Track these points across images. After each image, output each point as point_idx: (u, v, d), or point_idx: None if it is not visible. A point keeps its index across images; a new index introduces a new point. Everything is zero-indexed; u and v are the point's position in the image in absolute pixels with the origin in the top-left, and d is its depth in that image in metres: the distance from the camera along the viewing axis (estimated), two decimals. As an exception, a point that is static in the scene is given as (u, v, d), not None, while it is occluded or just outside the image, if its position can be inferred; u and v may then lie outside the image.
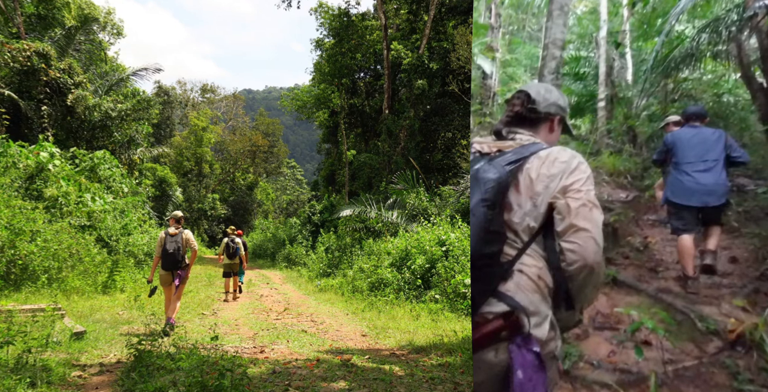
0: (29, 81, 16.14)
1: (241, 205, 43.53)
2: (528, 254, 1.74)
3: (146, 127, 21.22)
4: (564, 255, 1.67)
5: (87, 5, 25.53)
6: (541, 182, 1.76)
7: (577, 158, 1.80)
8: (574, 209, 1.68)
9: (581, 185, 1.73)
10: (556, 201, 1.72)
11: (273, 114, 56.07)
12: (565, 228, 1.67)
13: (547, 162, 1.79)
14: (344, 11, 25.62)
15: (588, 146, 4.46)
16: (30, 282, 8.27)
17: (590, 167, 1.88)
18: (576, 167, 1.76)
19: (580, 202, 1.69)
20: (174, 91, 37.85)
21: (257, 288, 13.15)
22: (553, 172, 1.76)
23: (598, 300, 3.69)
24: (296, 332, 7.02)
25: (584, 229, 1.65)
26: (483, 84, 3.47)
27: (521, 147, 1.88)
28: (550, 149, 1.84)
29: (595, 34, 3.37)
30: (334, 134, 28.52)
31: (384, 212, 14.52)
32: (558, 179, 1.74)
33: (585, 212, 1.67)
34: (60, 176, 11.95)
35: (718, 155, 3.79)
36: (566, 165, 1.77)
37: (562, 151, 1.82)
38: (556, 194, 1.73)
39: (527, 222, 1.74)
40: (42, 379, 3.89)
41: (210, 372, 3.87)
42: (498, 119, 2.07)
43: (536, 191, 1.75)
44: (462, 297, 8.22)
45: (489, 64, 8.68)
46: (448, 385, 4.41)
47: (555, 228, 1.72)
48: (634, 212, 5.24)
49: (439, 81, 20.48)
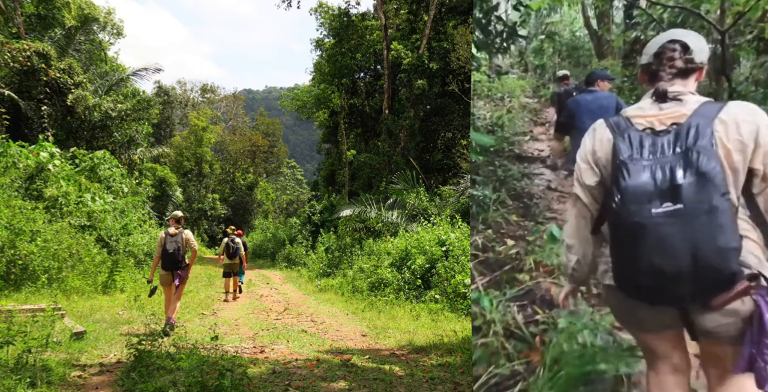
0: (29, 81, 16.14)
1: (241, 205, 43.53)
2: (741, 219, 1.79)
3: (146, 127, 21.23)
4: (765, 213, 1.76)
5: (87, 5, 25.53)
6: (737, 151, 1.71)
7: (757, 112, 1.75)
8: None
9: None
10: (756, 168, 1.73)
11: (273, 114, 56.08)
12: (761, 190, 1.75)
13: (731, 126, 1.72)
14: (344, 11, 25.63)
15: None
16: (30, 282, 8.27)
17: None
18: (763, 124, 1.72)
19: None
20: (174, 91, 37.88)
21: (257, 288, 13.15)
22: (744, 136, 1.71)
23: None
24: (296, 332, 7.02)
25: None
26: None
27: (697, 114, 1.77)
28: (727, 109, 1.75)
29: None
30: (334, 134, 28.52)
31: (384, 212, 14.52)
32: (751, 144, 1.71)
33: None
34: (60, 176, 11.95)
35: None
36: (753, 125, 1.72)
37: (740, 108, 1.75)
38: (755, 161, 1.72)
39: (735, 193, 1.74)
40: (42, 379, 3.89)
41: (210, 372, 3.87)
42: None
43: (735, 160, 1.72)
44: (462, 297, 8.22)
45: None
46: (448, 385, 4.41)
47: (752, 189, 1.76)
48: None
49: (439, 81, 20.48)
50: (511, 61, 4.79)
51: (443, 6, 21.64)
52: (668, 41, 1.88)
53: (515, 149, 4.97)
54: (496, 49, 3.96)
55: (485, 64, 4.26)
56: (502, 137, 4.93)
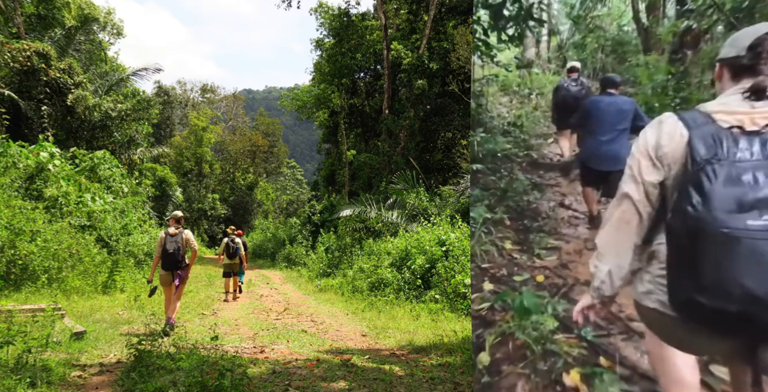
0: (29, 81, 16.14)
1: (241, 205, 43.54)
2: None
3: (146, 127, 21.23)
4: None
5: (87, 5, 25.53)
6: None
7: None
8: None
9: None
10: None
11: (273, 114, 56.09)
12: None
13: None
14: (344, 11, 25.63)
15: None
16: (30, 282, 8.27)
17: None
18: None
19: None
20: (174, 91, 37.89)
21: (257, 288, 13.15)
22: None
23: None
24: (296, 332, 7.02)
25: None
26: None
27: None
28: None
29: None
30: (334, 134, 28.53)
31: (384, 212, 14.52)
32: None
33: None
34: (60, 176, 11.95)
35: (628, 124, 4.00)
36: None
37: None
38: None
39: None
40: (42, 379, 3.89)
41: (210, 372, 3.87)
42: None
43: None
44: (462, 297, 8.22)
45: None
46: (448, 385, 4.41)
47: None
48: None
49: (439, 81, 20.48)
50: (549, 56, 4.50)
51: (443, 6, 21.64)
52: (767, 33, 1.64)
53: (533, 154, 4.44)
54: (510, 37, 3.76)
55: (502, 54, 3.93)
56: (519, 140, 4.45)
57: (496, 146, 4.03)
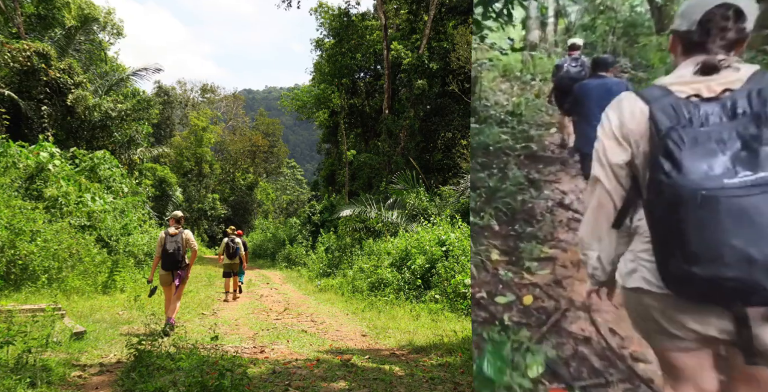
0: (29, 81, 16.14)
1: (241, 205, 43.54)
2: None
3: (146, 127, 21.23)
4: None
5: (87, 5, 25.53)
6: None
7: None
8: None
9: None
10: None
11: (273, 114, 56.09)
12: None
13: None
14: (344, 11, 25.63)
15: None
16: (30, 282, 8.27)
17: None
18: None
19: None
20: (174, 92, 37.89)
21: (257, 288, 13.15)
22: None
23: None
24: (296, 332, 7.02)
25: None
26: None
27: (755, 81, 1.51)
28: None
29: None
30: (334, 134, 28.53)
31: (384, 212, 14.52)
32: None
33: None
34: (60, 176, 11.95)
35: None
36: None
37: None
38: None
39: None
40: (42, 379, 3.89)
41: (210, 372, 3.87)
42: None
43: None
44: (462, 297, 8.22)
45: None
46: (448, 385, 4.41)
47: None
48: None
49: (439, 81, 20.49)
50: (556, 39, 4.06)
51: (443, 6, 21.64)
52: (717, 6, 1.56)
53: (532, 145, 4.06)
54: (497, 13, 3.28)
55: (495, 35, 3.52)
56: (516, 130, 4.08)
57: (489, 138, 3.76)
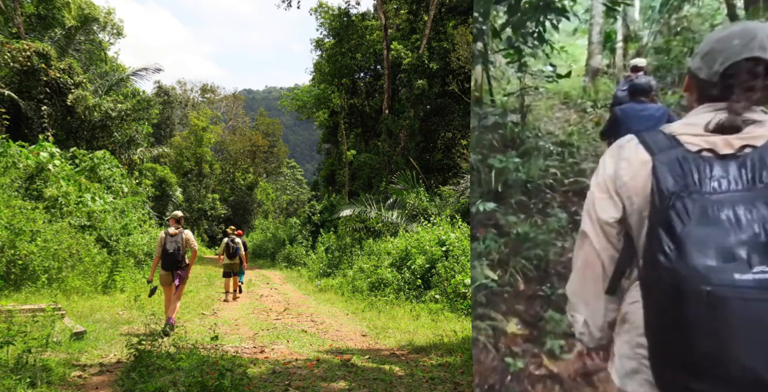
0: (29, 81, 16.14)
1: (241, 205, 43.55)
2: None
3: (146, 127, 21.24)
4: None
5: (87, 5, 25.54)
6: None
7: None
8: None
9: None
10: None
11: (273, 114, 56.10)
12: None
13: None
14: (344, 11, 25.64)
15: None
16: (30, 282, 8.27)
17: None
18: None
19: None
20: (174, 92, 37.90)
21: (257, 288, 13.15)
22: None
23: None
24: (296, 332, 7.02)
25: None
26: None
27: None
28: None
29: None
30: (334, 134, 28.53)
31: (384, 212, 14.52)
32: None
33: None
34: (60, 176, 11.95)
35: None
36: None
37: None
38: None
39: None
40: (42, 379, 3.89)
41: (210, 372, 3.87)
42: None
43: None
44: (462, 297, 8.22)
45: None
46: (448, 385, 4.41)
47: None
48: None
49: (439, 81, 20.49)
50: (626, 63, 3.75)
51: (443, 6, 21.65)
52: (746, 59, 1.32)
53: (585, 180, 3.66)
54: (525, 36, 3.02)
55: (537, 62, 3.17)
56: (567, 164, 3.62)
57: (530, 173, 3.19)
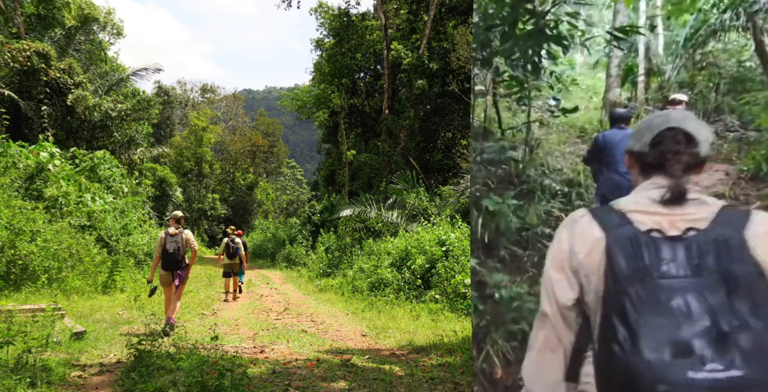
0: (29, 81, 16.14)
1: (241, 205, 43.56)
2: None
3: (146, 127, 21.24)
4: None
5: (87, 5, 25.54)
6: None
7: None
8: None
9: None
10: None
11: (273, 114, 56.11)
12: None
13: (765, 236, 1.20)
14: (344, 11, 25.65)
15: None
16: (30, 282, 8.27)
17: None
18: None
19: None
20: (174, 92, 37.91)
21: (257, 288, 13.15)
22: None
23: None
24: (296, 332, 7.02)
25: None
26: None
27: (722, 221, 1.24)
28: (754, 220, 1.24)
29: (635, 21, 3.55)
30: (334, 134, 28.54)
31: (384, 212, 14.52)
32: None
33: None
34: (60, 176, 11.95)
35: None
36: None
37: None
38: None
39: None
40: (42, 379, 3.89)
41: (210, 372, 3.87)
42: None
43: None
44: (462, 297, 8.22)
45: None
46: (448, 385, 4.41)
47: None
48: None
49: (439, 81, 20.49)
50: (647, 97, 3.65)
51: (443, 6, 21.65)
52: (667, 129, 1.38)
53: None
54: (519, 63, 2.83)
55: (540, 95, 3.01)
56: (573, 207, 3.67)
57: (524, 219, 2.97)
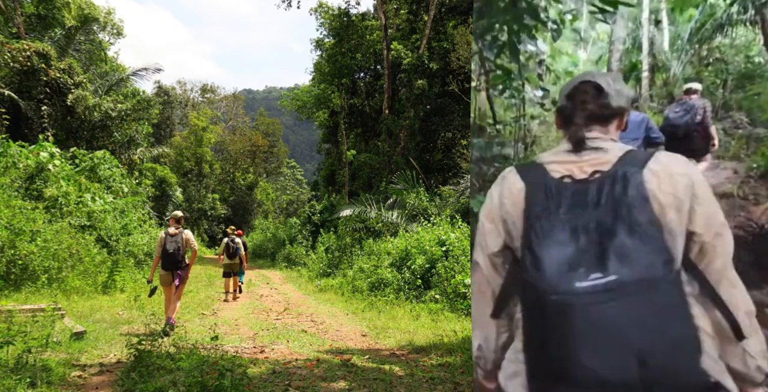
0: (29, 81, 16.14)
1: (241, 205, 43.56)
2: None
3: (146, 127, 21.24)
4: (718, 295, 1.36)
5: (87, 5, 25.54)
6: (673, 208, 1.35)
7: (689, 165, 1.44)
8: (711, 241, 1.37)
9: (713, 207, 1.40)
10: (696, 232, 1.37)
11: (273, 114, 56.12)
12: (701, 262, 1.39)
13: (664, 177, 1.38)
14: (344, 11, 25.65)
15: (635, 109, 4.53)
16: (30, 282, 8.27)
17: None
18: (697, 178, 1.41)
19: (714, 230, 1.38)
20: (174, 92, 37.91)
21: (257, 288, 13.15)
22: (679, 191, 1.36)
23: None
24: (296, 332, 7.02)
25: (719, 259, 1.38)
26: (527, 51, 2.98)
27: (624, 162, 1.43)
28: (657, 159, 1.42)
29: (638, 15, 3.52)
30: (334, 134, 28.54)
31: (384, 212, 14.52)
32: (688, 201, 1.37)
33: (720, 241, 1.39)
34: (60, 176, 11.95)
35: (639, 135, 3.97)
36: (687, 179, 1.39)
37: (673, 158, 1.43)
38: (695, 223, 1.37)
39: (677, 263, 1.34)
40: (42, 379, 3.89)
41: (210, 372, 3.87)
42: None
43: (670, 219, 1.34)
44: (462, 297, 8.23)
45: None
46: (448, 385, 4.41)
47: (694, 259, 1.39)
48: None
49: (439, 81, 20.49)
50: (652, 93, 3.93)
51: (443, 6, 21.65)
52: (580, 82, 1.60)
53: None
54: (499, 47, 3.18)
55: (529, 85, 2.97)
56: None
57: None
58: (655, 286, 1.25)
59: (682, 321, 1.27)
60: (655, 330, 1.23)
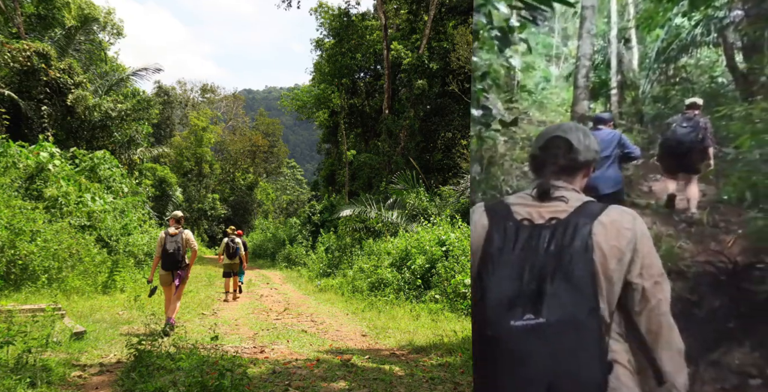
0: (29, 81, 16.14)
1: (241, 205, 43.55)
2: (614, 339, 1.54)
3: (146, 127, 21.24)
4: (646, 335, 1.53)
5: (87, 5, 25.53)
6: (614, 259, 1.50)
7: (636, 220, 1.58)
8: (651, 289, 1.53)
9: (653, 259, 1.55)
10: (633, 280, 1.53)
11: (273, 114, 56.10)
12: (642, 308, 1.54)
13: (611, 230, 1.52)
14: (344, 11, 25.64)
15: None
16: (30, 282, 8.27)
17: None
18: (641, 233, 1.55)
19: (653, 280, 1.53)
20: (174, 92, 37.92)
21: (257, 288, 13.15)
22: (622, 243, 1.52)
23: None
24: (296, 332, 7.02)
25: (660, 306, 1.54)
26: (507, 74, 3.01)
27: (578, 213, 1.57)
28: (608, 212, 1.56)
29: (606, 33, 3.53)
30: (334, 134, 28.54)
31: (384, 212, 14.52)
32: (629, 253, 1.52)
33: (659, 288, 1.54)
34: (60, 176, 11.95)
35: (611, 152, 4.01)
36: (632, 233, 1.54)
37: (622, 213, 1.57)
38: (633, 273, 1.53)
39: (609, 308, 1.50)
40: (42, 379, 3.89)
41: (210, 372, 3.87)
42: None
43: (611, 269, 1.49)
44: (462, 297, 8.23)
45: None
46: (448, 385, 4.41)
47: (630, 306, 1.55)
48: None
49: (439, 81, 20.49)
50: (621, 110, 4.00)
51: (443, 6, 21.66)
52: (553, 137, 1.74)
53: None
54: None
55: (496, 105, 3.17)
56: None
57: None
58: (575, 328, 1.40)
59: (594, 361, 1.41)
60: (566, 367, 1.39)
